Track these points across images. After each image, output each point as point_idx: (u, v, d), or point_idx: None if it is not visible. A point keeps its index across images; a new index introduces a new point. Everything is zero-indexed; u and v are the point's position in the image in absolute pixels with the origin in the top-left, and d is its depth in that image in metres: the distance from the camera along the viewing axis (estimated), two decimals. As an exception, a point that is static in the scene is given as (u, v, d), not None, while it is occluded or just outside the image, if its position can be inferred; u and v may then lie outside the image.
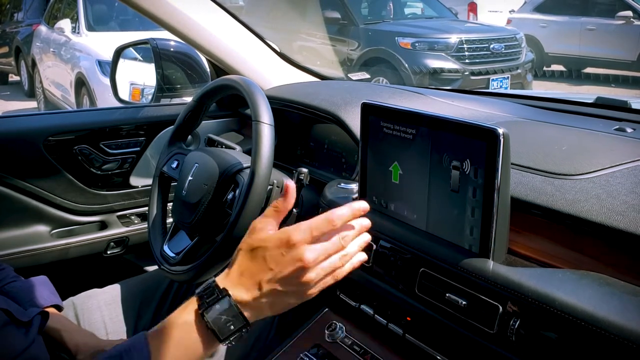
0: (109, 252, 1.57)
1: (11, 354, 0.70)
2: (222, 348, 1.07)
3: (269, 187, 1.07)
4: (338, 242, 0.71)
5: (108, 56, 2.83)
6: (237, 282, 0.71)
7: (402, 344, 0.85)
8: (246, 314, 0.70)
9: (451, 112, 1.17)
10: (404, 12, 7.08)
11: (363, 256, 0.76)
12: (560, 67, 8.07)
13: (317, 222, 0.70)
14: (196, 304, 0.71)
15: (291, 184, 0.74)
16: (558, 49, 7.94)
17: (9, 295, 0.95)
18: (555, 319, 0.64)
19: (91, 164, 1.51)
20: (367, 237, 0.76)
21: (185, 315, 0.71)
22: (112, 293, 1.21)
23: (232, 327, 0.69)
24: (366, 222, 0.75)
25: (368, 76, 4.73)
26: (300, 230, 0.69)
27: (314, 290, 0.71)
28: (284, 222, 1.12)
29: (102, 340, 0.99)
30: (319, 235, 0.69)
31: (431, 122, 0.78)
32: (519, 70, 5.92)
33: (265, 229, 0.72)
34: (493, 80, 5.71)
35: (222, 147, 1.26)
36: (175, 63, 1.62)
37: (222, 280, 0.72)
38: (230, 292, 0.70)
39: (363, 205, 0.73)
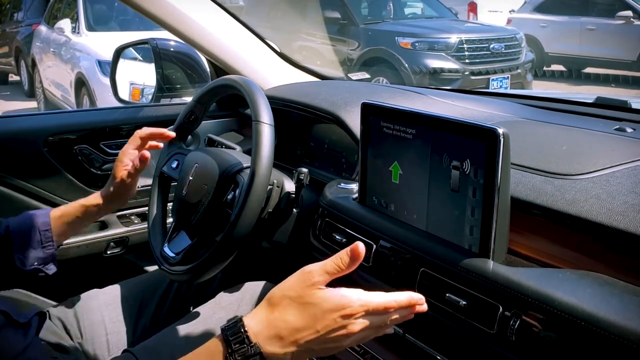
0: (109, 252, 1.57)
1: (9, 355, 0.69)
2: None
3: (269, 187, 1.07)
4: (384, 321, 0.68)
5: (108, 56, 2.84)
6: (273, 335, 0.66)
7: (402, 344, 0.85)
8: None
9: (451, 112, 1.17)
10: (404, 12, 7.08)
11: (390, 331, 0.72)
12: (560, 67, 8.07)
13: (375, 305, 0.66)
14: (222, 354, 0.66)
15: (362, 247, 0.67)
16: (558, 48, 7.94)
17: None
18: (555, 319, 0.64)
19: (91, 164, 1.51)
20: (409, 317, 0.71)
21: None
22: (112, 293, 1.21)
23: None
24: (424, 309, 0.70)
25: (368, 76, 4.73)
26: (359, 302, 0.66)
27: (335, 352, 0.69)
28: (283, 223, 1.13)
29: None
30: (371, 313, 0.67)
31: (431, 122, 0.78)
32: (519, 70, 5.92)
33: (321, 283, 0.67)
34: (493, 80, 5.71)
35: (222, 147, 1.27)
36: (175, 63, 1.62)
37: (254, 327, 0.66)
38: (262, 346, 0.65)
39: (422, 299, 0.70)
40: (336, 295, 0.66)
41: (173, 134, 1.19)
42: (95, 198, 1.13)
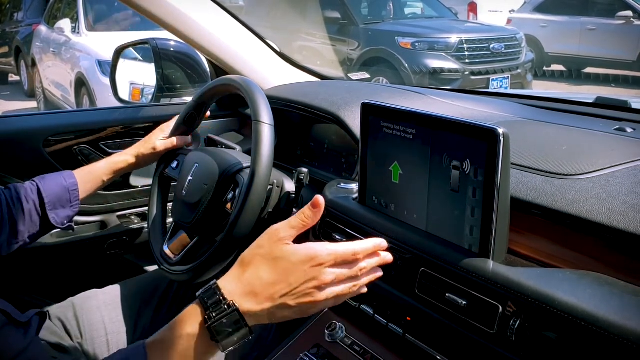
0: (109, 252, 1.57)
1: (9, 355, 0.69)
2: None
3: (269, 187, 1.07)
4: (355, 272, 0.71)
5: (108, 56, 2.84)
6: (248, 292, 0.68)
7: (402, 344, 0.85)
8: (249, 322, 0.68)
9: (451, 112, 1.17)
10: (404, 12, 7.09)
11: (364, 290, 0.74)
12: (560, 67, 8.07)
13: (342, 252, 0.70)
14: (200, 316, 0.68)
15: (321, 198, 0.70)
16: (558, 48, 7.94)
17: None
18: (555, 319, 0.64)
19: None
20: (379, 274, 0.75)
21: (188, 326, 0.69)
22: (112, 293, 1.21)
23: (235, 338, 0.68)
24: (389, 258, 0.75)
25: (368, 76, 4.73)
26: (326, 252, 0.69)
27: (314, 310, 0.71)
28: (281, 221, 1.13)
29: None
30: (341, 263, 0.70)
31: (431, 122, 0.78)
32: (519, 70, 5.92)
33: (288, 239, 0.70)
34: (493, 80, 5.71)
35: (222, 147, 1.27)
36: (175, 63, 1.62)
37: (229, 287, 0.69)
38: (238, 304, 0.67)
39: (384, 243, 0.75)
40: (304, 247, 0.69)
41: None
42: (126, 157, 1.24)
